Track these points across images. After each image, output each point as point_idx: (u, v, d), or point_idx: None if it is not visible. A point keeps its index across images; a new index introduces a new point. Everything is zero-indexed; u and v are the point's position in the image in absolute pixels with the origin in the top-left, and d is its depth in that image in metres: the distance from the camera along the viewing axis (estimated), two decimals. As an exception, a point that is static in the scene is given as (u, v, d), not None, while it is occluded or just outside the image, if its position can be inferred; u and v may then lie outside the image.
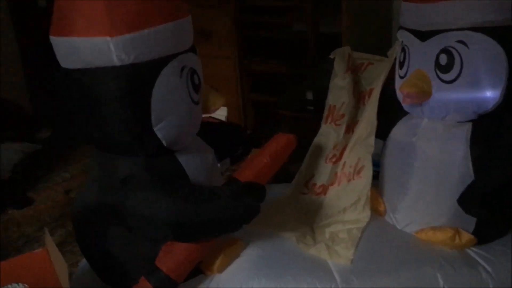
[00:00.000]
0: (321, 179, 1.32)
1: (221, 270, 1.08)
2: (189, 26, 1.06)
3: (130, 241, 1.04)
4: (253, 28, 2.07)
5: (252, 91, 2.18)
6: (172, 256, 1.02)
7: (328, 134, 1.33)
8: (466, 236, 1.09)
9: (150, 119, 0.99)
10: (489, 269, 1.05)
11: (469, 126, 1.08)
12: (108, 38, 0.92)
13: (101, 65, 0.95)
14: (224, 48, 2.13)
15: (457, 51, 1.03)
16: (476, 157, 1.06)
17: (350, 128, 1.31)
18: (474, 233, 1.10)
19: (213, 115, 1.60)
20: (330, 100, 1.33)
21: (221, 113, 2.15)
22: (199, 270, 1.08)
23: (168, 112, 1.00)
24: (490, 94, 1.04)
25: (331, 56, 1.32)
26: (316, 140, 1.35)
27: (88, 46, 0.94)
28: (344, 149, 1.30)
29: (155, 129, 1.00)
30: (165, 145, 1.03)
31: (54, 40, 0.98)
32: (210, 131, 1.25)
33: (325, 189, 1.30)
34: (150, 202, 0.99)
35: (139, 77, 0.96)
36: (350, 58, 1.31)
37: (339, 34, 1.85)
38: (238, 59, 2.12)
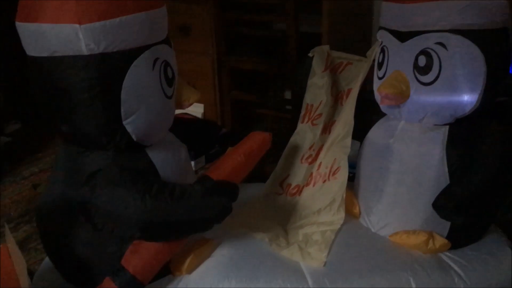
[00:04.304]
0: (296, 179, 1.30)
1: (190, 270, 1.04)
2: (163, 17, 1.02)
3: (95, 240, 0.99)
4: (233, 25, 2.04)
5: (231, 89, 2.14)
6: (139, 256, 0.98)
7: (305, 133, 1.31)
8: (440, 241, 1.09)
9: (119, 112, 0.95)
10: (461, 274, 1.05)
11: (445, 129, 1.07)
12: (77, 26, 0.87)
13: (69, 54, 0.90)
14: (203, 44, 2.09)
15: (436, 52, 1.02)
16: (452, 161, 1.05)
17: (327, 128, 1.29)
18: (448, 237, 1.09)
19: (189, 111, 1.56)
20: (308, 99, 1.31)
21: (197, 110, 2.11)
22: (168, 270, 1.05)
23: (139, 105, 0.96)
24: (468, 98, 1.03)
25: (310, 55, 1.30)
26: (292, 139, 1.33)
27: (55, 33, 0.89)
28: (320, 149, 1.28)
29: (124, 122, 0.96)
30: (134, 139, 0.99)
31: (20, 26, 0.93)
32: (184, 128, 1.21)
33: (300, 189, 1.28)
34: (118, 199, 0.94)
35: (109, 68, 0.92)
36: (329, 57, 1.29)
37: (319, 34, 1.84)
38: (217, 56, 2.09)
